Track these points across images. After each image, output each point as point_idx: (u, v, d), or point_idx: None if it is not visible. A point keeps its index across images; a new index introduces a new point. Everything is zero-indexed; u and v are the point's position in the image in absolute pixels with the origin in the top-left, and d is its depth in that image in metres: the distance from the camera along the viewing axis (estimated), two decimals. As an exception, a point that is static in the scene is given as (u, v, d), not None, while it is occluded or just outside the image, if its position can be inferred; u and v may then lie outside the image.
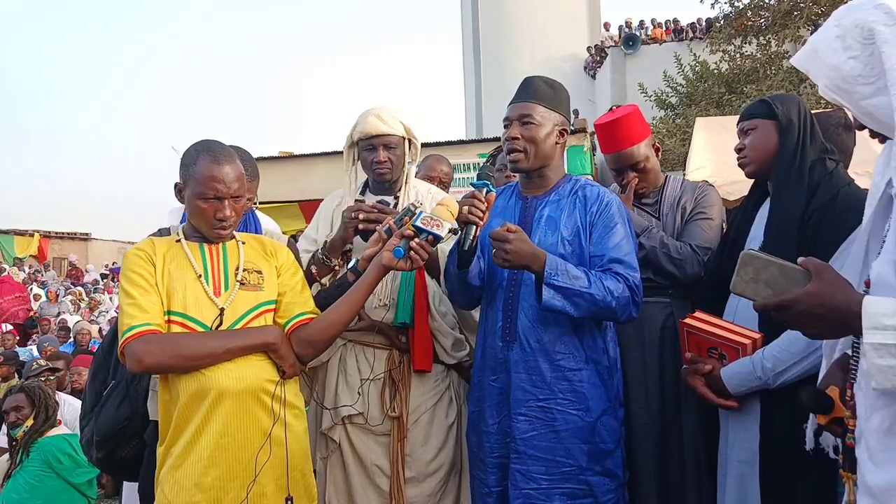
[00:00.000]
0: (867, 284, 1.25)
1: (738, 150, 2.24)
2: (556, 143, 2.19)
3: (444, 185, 3.63)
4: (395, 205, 2.44)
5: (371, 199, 2.53)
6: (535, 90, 2.20)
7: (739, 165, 2.26)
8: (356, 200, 2.52)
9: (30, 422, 4.13)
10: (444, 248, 2.29)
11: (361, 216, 2.26)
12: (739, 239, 2.24)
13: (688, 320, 2.10)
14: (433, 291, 2.39)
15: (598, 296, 2.00)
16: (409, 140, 2.48)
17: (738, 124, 2.27)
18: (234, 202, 1.85)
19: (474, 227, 2.01)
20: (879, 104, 1.21)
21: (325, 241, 2.35)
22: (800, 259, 1.24)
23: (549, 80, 2.26)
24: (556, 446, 2.05)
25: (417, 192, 2.50)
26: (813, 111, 2.85)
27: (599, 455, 2.08)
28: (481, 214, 1.99)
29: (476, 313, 2.36)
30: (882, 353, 1.07)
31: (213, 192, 1.81)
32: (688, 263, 2.36)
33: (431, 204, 2.48)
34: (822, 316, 1.16)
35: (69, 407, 4.62)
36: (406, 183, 2.50)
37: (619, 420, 2.16)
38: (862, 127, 1.32)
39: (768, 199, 2.20)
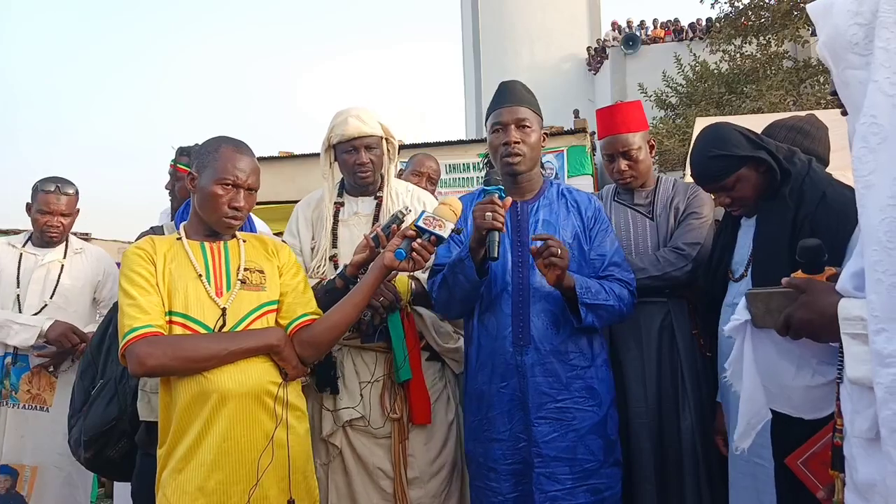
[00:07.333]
0: None
1: (726, 205, 2.15)
2: (542, 146, 2.24)
3: (433, 181, 3.66)
4: (379, 205, 2.45)
5: (350, 200, 2.51)
6: (521, 94, 2.22)
7: (733, 214, 2.20)
8: (335, 203, 2.50)
9: None
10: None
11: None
12: (724, 260, 2.22)
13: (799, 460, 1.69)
14: (430, 318, 2.37)
15: (616, 306, 2.10)
16: (387, 140, 2.47)
17: (707, 185, 2.17)
18: (248, 195, 1.88)
19: (498, 233, 1.95)
20: (860, 78, 1.18)
21: (346, 266, 2.25)
22: (783, 280, 1.38)
23: (524, 84, 2.27)
24: (576, 445, 2.06)
25: (397, 192, 2.48)
26: (814, 111, 2.83)
27: (610, 446, 2.13)
28: (503, 220, 1.96)
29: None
30: (857, 341, 1.20)
31: (233, 178, 1.85)
32: (674, 268, 2.39)
33: (412, 200, 2.47)
34: (812, 320, 1.30)
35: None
36: (387, 183, 2.48)
37: (617, 409, 2.22)
38: (840, 105, 1.31)
39: (748, 219, 2.17)
